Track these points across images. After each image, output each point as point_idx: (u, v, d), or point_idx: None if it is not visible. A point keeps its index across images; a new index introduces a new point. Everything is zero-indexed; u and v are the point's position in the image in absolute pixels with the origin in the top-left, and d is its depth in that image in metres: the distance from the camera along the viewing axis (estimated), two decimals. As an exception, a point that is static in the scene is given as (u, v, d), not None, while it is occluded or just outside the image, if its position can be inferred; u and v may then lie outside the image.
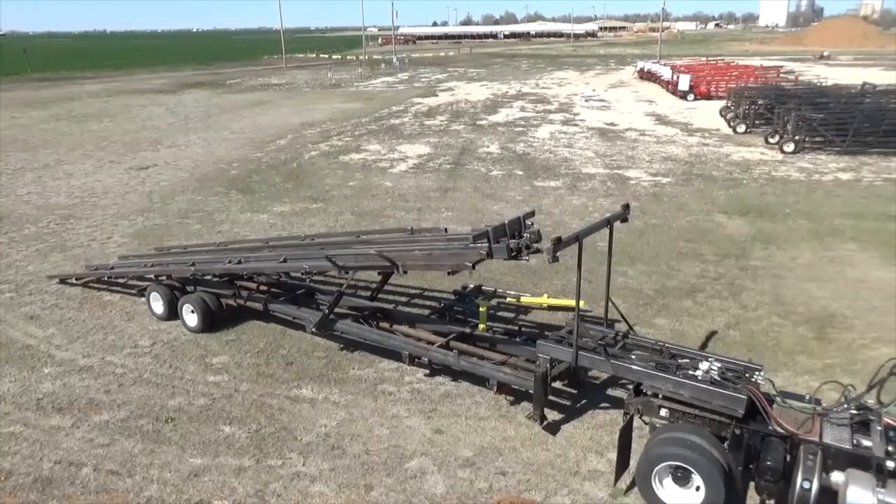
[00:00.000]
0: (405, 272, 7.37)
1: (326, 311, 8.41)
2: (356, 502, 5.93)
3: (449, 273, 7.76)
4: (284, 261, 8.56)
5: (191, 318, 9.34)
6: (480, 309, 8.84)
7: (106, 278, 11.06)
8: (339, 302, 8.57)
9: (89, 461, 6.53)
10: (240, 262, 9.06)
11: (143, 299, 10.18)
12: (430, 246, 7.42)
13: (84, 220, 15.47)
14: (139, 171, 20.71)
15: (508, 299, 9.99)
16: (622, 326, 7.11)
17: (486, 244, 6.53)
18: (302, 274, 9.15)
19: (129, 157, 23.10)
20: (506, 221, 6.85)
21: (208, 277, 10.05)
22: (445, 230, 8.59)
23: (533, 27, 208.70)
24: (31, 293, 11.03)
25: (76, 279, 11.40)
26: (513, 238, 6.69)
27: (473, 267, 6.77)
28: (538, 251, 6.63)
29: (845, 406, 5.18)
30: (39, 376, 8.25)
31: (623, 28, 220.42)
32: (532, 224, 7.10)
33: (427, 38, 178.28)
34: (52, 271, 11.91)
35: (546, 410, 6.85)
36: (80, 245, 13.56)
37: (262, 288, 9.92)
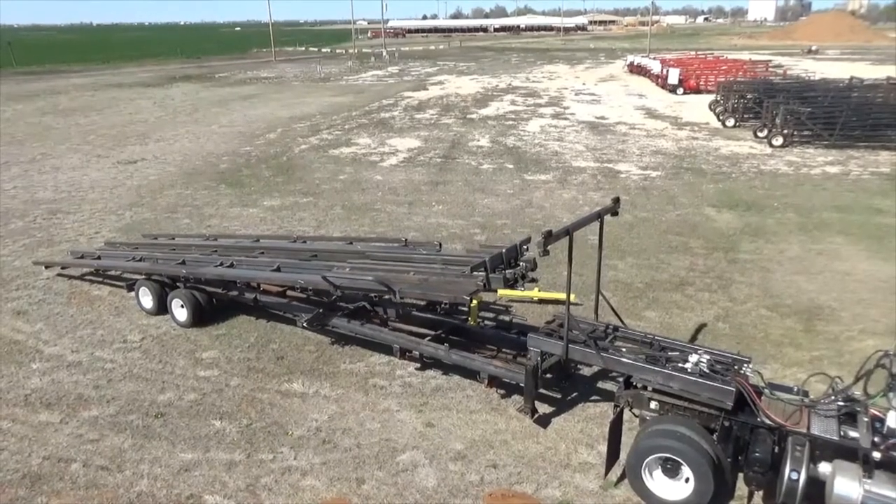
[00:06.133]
0: (402, 299, 7.34)
1: (319, 310, 8.40)
2: (348, 496, 5.93)
3: (444, 304, 7.84)
4: (278, 269, 8.54)
5: (180, 312, 9.30)
6: (472, 303, 8.84)
7: (94, 269, 11.02)
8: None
9: (79, 457, 6.50)
10: (231, 266, 9.01)
11: (131, 294, 10.10)
12: (425, 269, 7.45)
13: (71, 214, 15.34)
14: (127, 166, 20.54)
15: (499, 293, 9.99)
16: (613, 319, 7.14)
17: (484, 274, 6.59)
18: (296, 287, 9.13)
19: (116, 151, 22.91)
20: (503, 250, 6.91)
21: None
22: (440, 245, 8.58)
23: (523, 21, 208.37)
24: (18, 288, 10.93)
25: (62, 267, 11.38)
26: (509, 267, 6.76)
27: (471, 300, 6.83)
28: (534, 280, 6.76)
29: (833, 398, 5.23)
30: (27, 372, 8.19)
31: (613, 22, 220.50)
32: (527, 250, 7.14)
33: (417, 31, 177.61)
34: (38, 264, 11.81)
35: (537, 403, 6.88)
36: (67, 240, 13.44)
37: (253, 283, 9.88)
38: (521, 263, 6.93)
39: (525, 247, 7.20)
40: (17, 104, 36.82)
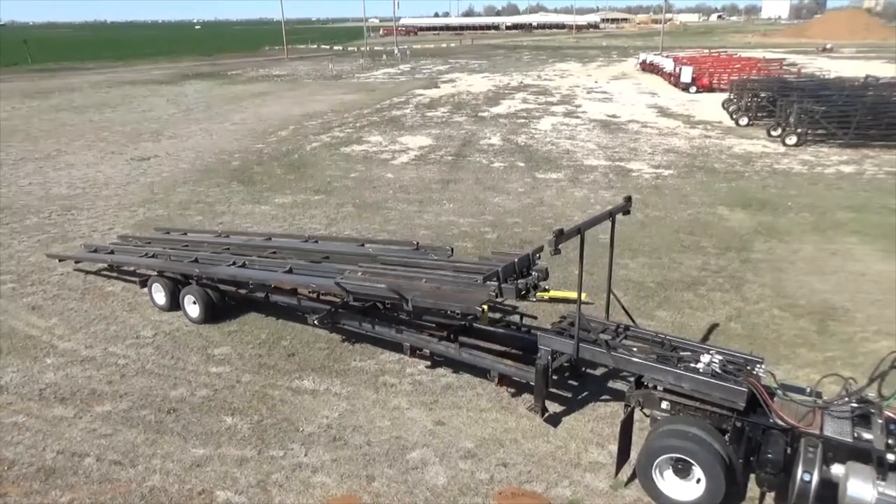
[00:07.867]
0: (413, 308, 7.34)
1: (331, 308, 8.43)
2: (358, 493, 5.95)
3: (457, 313, 7.84)
4: (290, 270, 8.58)
5: (193, 309, 9.36)
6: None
7: (108, 264, 11.12)
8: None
9: (92, 451, 6.56)
10: (244, 265, 9.06)
11: (144, 290, 10.18)
12: (437, 276, 7.44)
13: (86, 210, 15.47)
14: (140, 162, 20.69)
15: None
16: (624, 319, 7.11)
17: (496, 284, 6.59)
18: (309, 292, 9.17)
19: (130, 148, 23.08)
20: (515, 259, 6.90)
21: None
22: (451, 250, 8.57)
23: (535, 18, 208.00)
24: (32, 283, 11.04)
25: (75, 262, 11.56)
26: (521, 276, 6.76)
27: (483, 311, 6.80)
28: (546, 290, 6.70)
29: (846, 399, 5.18)
30: (42, 367, 8.28)
31: (625, 19, 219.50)
32: (539, 259, 7.13)
33: (428, 29, 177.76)
34: (53, 260, 11.92)
35: (547, 402, 6.87)
36: (81, 236, 13.56)
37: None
38: (533, 273, 6.91)
39: (537, 255, 7.18)
40: (33, 101, 37.17)
